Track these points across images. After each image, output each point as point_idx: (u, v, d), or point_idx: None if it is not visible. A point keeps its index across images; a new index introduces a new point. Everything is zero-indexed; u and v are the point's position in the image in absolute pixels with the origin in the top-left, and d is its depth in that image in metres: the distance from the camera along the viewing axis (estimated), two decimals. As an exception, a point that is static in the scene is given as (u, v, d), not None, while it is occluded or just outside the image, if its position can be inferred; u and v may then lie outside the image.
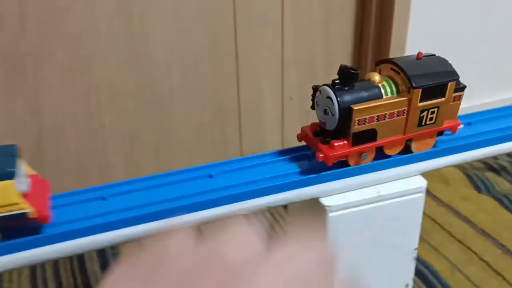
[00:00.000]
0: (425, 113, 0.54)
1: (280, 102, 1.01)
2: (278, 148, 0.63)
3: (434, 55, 0.57)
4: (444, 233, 0.85)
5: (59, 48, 0.80)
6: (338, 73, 0.51)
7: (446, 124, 0.57)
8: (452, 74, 0.54)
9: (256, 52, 0.95)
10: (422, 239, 0.72)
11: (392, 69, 0.54)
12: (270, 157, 0.58)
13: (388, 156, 0.57)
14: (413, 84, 0.52)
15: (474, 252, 0.80)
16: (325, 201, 0.54)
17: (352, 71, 0.50)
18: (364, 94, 0.51)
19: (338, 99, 0.50)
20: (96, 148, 0.89)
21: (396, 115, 0.53)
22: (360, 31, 1.02)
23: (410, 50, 1.02)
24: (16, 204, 0.41)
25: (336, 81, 0.51)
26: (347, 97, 0.50)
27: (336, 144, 0.52)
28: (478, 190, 0.96)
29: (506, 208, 0.90)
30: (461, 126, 0.60)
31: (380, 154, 0.56)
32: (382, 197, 0.56)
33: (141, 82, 0.88)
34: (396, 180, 0.57)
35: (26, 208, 0.42)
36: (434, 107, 0.54)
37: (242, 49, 0.93)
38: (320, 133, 0.54)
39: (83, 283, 0.79)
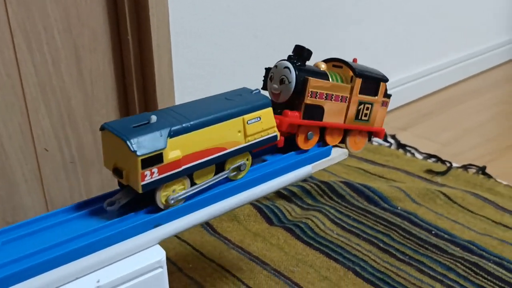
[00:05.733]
0: (361, 106, 0.60)
1: (34, 156, 0.83)
2: (43, 213, 0.51)
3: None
4: (235, 281, 0.76)
5: None
6: (294, 51, 0.56)
7: (376, 128, 0.64)
8: (384, 78, 0.61)
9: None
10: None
11: (334, 65, 0.61)
12: None
13: (112, 230, 0.44)
14: (356, 73, 0.58)
15: (268, 298, 0.72)
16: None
17: (306, 49, 0.55)
18: (316, 71, 0.56)
19: (295, 68, 0.54)
20: None
21: (340, 99, 0.58)
22: (121, 63, 0.89)
23: (176, 81, 0.92)
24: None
25: (292, 56, 0.55)
26: (303, 68, 0.55)
27: (289, 112, 0.54)
28: (270, 222, 0.90)
29: (298, 238, 0.85)
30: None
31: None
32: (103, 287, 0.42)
33: None
34: (125, 258, 0.45)
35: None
36: (368, 103, 0.61)
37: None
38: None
39: None
